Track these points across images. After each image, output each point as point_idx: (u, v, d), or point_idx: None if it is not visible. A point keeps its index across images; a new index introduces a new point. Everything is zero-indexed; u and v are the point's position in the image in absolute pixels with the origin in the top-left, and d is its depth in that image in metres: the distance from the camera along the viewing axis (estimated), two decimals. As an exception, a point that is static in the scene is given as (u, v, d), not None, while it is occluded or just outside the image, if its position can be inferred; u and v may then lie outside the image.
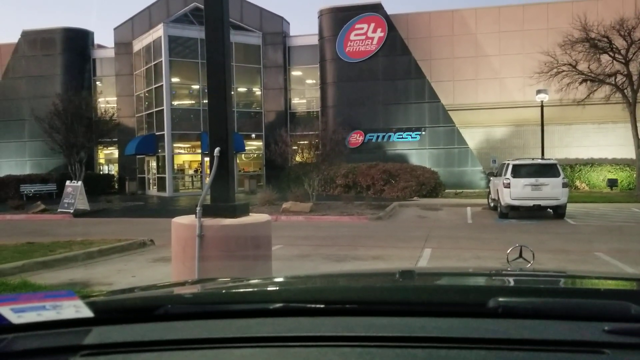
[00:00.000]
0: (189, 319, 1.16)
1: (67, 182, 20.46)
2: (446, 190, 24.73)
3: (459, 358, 0.94)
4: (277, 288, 1.56)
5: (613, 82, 22.95)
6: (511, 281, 1.67)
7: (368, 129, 29.19)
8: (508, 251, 1.98)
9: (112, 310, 1.26)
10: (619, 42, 22.31)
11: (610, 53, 22.65)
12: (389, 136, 29.17)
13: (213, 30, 5.11)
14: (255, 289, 1.53)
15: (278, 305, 1.19)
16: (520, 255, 1.96)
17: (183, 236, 4.69)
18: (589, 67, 23.05)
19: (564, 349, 0.96)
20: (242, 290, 1.55)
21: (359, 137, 29.23)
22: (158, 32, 28.97)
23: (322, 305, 1.19)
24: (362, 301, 1.23)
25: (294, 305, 1.21)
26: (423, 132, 28.82)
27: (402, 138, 29.04)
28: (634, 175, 24.44)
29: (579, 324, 1.03)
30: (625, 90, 22.77)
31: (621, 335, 0.98)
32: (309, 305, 1.19)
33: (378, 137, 29.27)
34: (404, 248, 11.09)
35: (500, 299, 1.10)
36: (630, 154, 24.47)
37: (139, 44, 31.58)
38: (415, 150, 28.75)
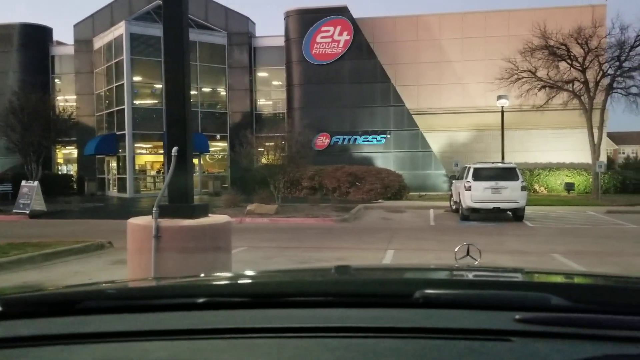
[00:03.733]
0: (107, 313, 1.15)
1: (23, 182, 19.80)
2: (410, 193, 25.01)
3: (373, 346, 0.95)
4: (204, 283, 1.54)
5: (571, 89, 23.67)
6: (443, 275, 1.70)
7: (334, 131, 29.26)
8: (456, 249, 1.99)
9: (23, 305, 1.24)
10: (577, 50, 23.03)
11: (568, 61, 23.36)
12: (355, 139, 29.31)
13: (171, 28, 5.02)
14: (183, 284, 1.50)
15: (202, 299, 1.19)
16: (468, 253, 1.97)
17: (139, 237, 4.57)
18: (547, 74, 23.72)
19: (474, 337, 0.98)
20: (166, 285, 1.53)
21: (325, 139, 29.28)
22: (119, 29, 28.36)
23: (241, 299, 1.20)
24: (282, 294, 1.25)
25: (219, 299, 1.21)
26: (388, 136, 29.07)
27: (368, 141, 29.23)
28: (590, 179, 25.23)
29: (492, 314, 1.06)
30: (582, 97, 23.50)
31: (531, 324, 1.00)
32: (231, 299, 1.20)
33: (344, 139, 29.38)
34: (368, 249, 11.16)
35: (426, 291, 1.12)
36: (587, 158, 25.27)
37: (99, 42, 30.84)
38: (380, 153, 28.97)
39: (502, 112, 24.03)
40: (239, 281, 1.57)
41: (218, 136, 31.45)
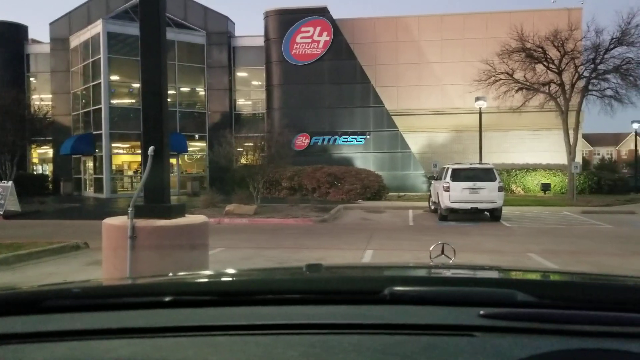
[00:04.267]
0: (69, 311, 1.14)
1: (-4, 183, 19.43)
2: (389, 193, 25.14)
3: (337, 343, 0.95)
4: (169, 281, 1.53)
5: (547, 91, 24.05)
6: (412, 272, 1.71)
7: (314, 131, 29.25)
8: (431, 248, 2.00)
9: None
10: (553, 53, 23.39)
11: (545, 63, 23.71)
12: (335, 139, 29.34)
13: (148, 27, 4.96)
14: (148, 283, 1.49)
15: (167, 297, 1.18)
16: (442, 252, 1.99)
17: (114, 238, 4.51)
18: (524, 76, 24.06)
19: (437, 332, 0.99)
20: (131, 283, 1.52)
21: (305, 139, 29.25)
22: (97, 28, 27.96)
23: (206, 297, 1.20)
24: (248, 292, 1.25)
25: (184, 297, 1.20)
26: (368, 136, 29.16)
27: (348, 141, 29.29)
28: (566, 180, 25.66)
29: (458, 310, 1.07)
30: (558, 99, 23.89)
31: (495, 319, 1.01)
32: (196, 297, 1.20)
33: (324, 140, 29.39)
34: (347, 250, 11.18)
35: (394, 288, 1.12)
36: (563, 159, 25.70)
37: (76, 40, 30.37)
38: (360, 153, 29.06)
39: (480, 113, 24.30)
40: (205, 279, 1.55)
41: (197, 136, 31.21)
